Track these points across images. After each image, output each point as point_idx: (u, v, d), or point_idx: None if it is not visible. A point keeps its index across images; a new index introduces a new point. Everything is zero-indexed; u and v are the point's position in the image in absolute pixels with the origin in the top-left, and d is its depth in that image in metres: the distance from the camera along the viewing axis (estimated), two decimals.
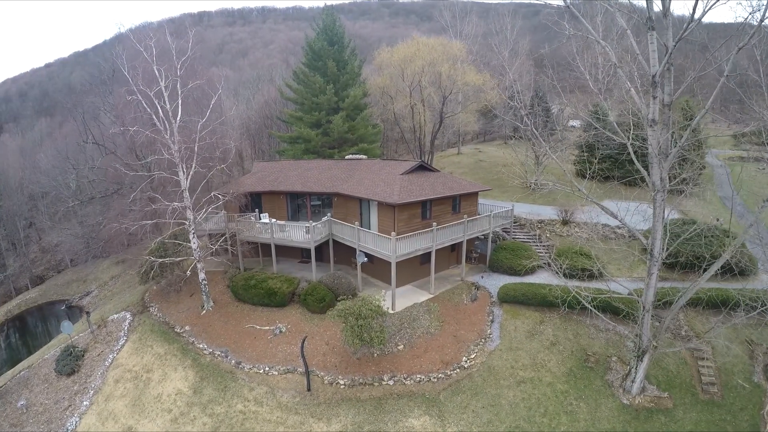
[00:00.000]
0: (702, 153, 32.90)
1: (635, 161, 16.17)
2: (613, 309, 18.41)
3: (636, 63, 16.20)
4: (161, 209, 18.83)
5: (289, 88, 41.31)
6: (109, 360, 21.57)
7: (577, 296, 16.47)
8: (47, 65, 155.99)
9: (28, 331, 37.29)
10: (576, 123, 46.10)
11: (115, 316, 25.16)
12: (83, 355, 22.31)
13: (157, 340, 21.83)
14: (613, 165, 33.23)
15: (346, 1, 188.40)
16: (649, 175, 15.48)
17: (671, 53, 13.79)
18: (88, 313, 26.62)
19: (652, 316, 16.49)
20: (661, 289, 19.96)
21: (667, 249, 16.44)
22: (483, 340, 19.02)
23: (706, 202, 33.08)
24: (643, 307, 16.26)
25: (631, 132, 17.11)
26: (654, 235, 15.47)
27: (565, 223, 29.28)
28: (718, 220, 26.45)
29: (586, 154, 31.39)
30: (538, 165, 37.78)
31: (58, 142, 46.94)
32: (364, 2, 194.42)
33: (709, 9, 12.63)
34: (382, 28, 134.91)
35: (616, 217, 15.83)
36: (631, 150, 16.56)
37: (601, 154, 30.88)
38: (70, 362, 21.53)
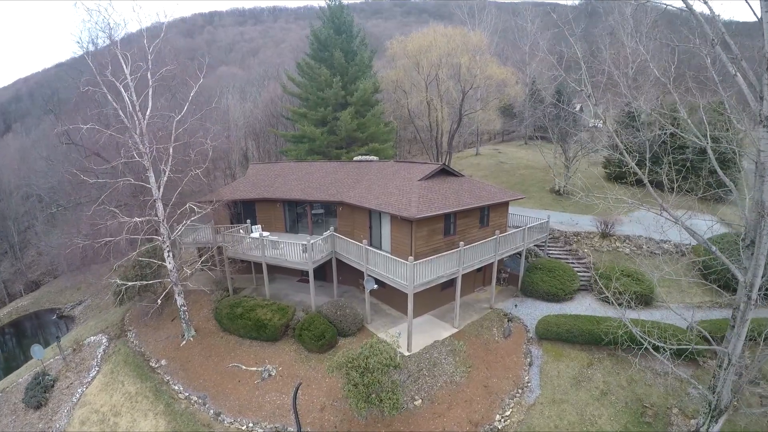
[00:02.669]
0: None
1: (717, 169, 12.86)
2: (679, 351, 14.53)
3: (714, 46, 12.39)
4: (116, 226, 15.41)
5: (293, 81, 37.61)
6: (78, 395, 18.79)
7: (650, 349, 12.51)
8: (58, 65, 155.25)
9: (18, 341, 34.81)
10: (599, 123, 42.33)
11: (92, 338, 22.51)
12: (53, 385, 19.74)
13: (129, 375, 18.75)
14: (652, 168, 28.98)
15: (358, 0, 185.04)
16: (735, 186, 12.02)
17: None
18: (58, 338, 23.67)
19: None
20: (724, 320, 16.31)
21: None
22: (520, 391, 15.18)
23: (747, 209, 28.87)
24: (729, 360, 12.45)
25: (708, 133, 13.31)
26: (755, 271, 11.55)
27: (604, 236, 25.28)
28: None
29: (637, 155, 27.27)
30: (568, 168, 33.87)
31: (48, 141, 44.32)
32: (375, 1, 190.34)
33: None
34: (394, 26, 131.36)
35: (710, 250, 11.90)
36: (711, 155, 12.88)
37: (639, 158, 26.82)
38: (38, 393, 19.05)
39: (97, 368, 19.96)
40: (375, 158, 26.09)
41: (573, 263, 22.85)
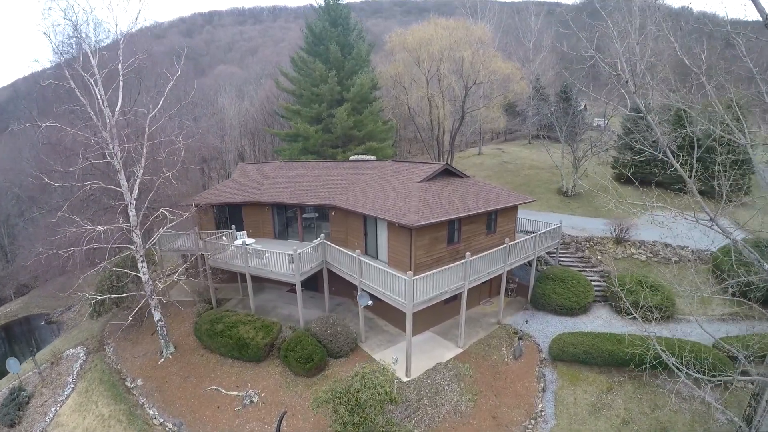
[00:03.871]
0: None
1: (759, 171, 11.09)
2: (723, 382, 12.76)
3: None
4: (78, 235, 13.79)
5: (286, 77, 35.73)
6: (51, 414, 17.50)
7: (687, 380, 10.74)
8: (59, 65, 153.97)
9: (10, 347, 33.43)
10: (602, 122, 40.91)
11: (71, 351, 21.24)
12: (28, 402, 18.50)
13: (103, 396, 17.31)
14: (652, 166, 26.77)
15: (358, 0, 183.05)
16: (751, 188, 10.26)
17: None
18: (33, 351, 22.07)
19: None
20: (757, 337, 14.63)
21: None
22: (533, 422, 13.46)
23: (762, 211, 27.17)
24: None
25: (747, 130, 11.59)
26: None
27: (618, 241, 23.53)
28: None
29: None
30: (577, 168, 32.16)
31: (30, 141, 42.84)
32: (375, 1, 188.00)
33: None
34: (394, 25, 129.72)
35: (764, 268, 10.13)
36: (751, 152, 11.17)
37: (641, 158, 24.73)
38: (11, 411, 17.82)
39: (72, 385, 18.70)
40: (372, 158, 24.30)
41: (586, 272, 21.10)
